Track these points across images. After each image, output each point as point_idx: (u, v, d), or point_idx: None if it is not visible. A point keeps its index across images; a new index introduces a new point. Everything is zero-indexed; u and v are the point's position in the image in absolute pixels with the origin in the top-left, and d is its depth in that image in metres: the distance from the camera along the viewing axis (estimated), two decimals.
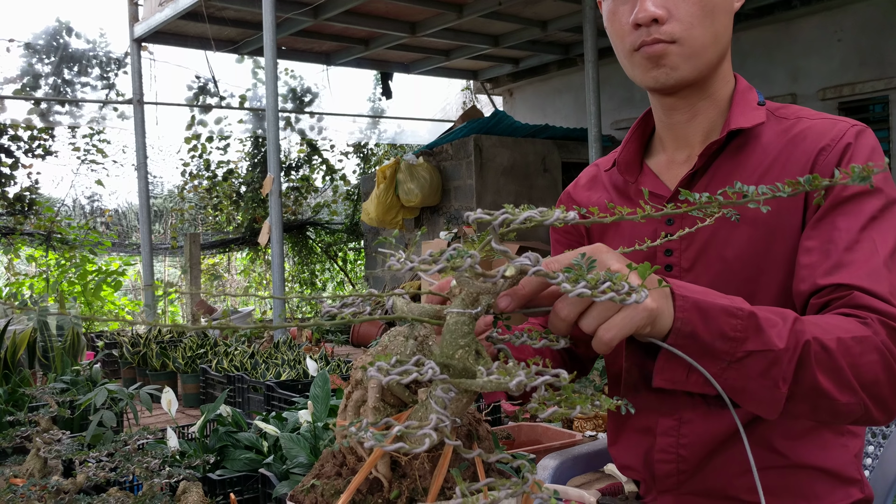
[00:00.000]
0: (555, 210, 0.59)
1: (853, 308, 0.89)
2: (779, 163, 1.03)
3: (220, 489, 2.34)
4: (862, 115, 6.94)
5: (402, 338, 0.74)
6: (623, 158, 1.15)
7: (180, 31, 7.62)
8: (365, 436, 0.58)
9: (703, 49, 1.02)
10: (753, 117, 1.06)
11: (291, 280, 10.46)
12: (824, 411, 0.83)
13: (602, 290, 0.58)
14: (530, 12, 7.57)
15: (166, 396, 2.54)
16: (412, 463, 0.73)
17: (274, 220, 5.78)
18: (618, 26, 1.05)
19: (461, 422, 0.75)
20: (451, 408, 0.67)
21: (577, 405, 0.61)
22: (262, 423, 2.50)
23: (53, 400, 2.66)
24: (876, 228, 0.95)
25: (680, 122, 1.10)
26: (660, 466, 1.10)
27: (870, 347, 0.84)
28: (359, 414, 0.76)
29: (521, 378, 0.57)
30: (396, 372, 0.62)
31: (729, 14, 1.05)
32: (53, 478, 2.17)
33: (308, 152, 10.45)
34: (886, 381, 0.85)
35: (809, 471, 1.05)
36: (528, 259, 0.60)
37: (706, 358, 0.76)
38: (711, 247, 1.05)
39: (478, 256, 0.60)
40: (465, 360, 0.65)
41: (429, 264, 0.60)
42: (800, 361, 0.80)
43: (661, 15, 1.00)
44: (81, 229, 8.48)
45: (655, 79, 1.05)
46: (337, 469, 0.78)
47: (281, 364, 4.49)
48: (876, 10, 6.69)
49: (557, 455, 1.25)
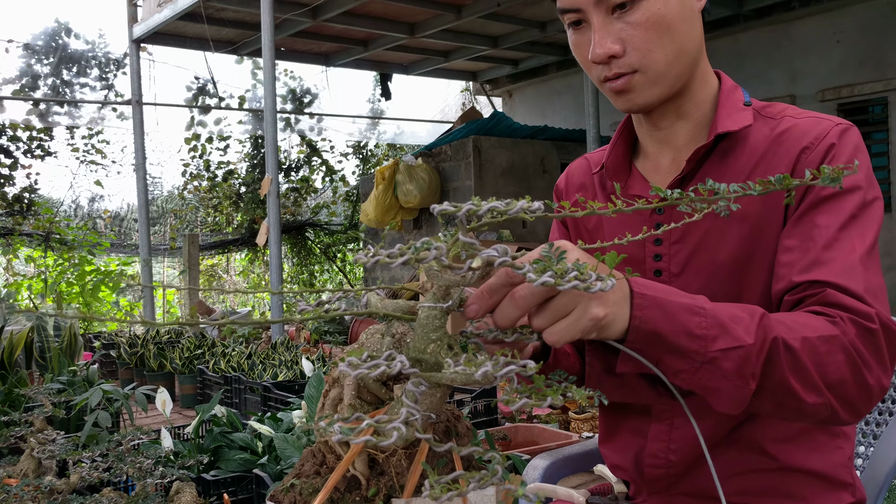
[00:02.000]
0: (519, 201, 0.59)
1: (825, 306, 0.88)
2: (764, 162, 1.02)
3: (214, 489, 2.34)
4: (861, 117, 6.93)
5: (379, 335, 0.74)
6: (611, 163, 1.14)
7: (179, 31, 7.63)
8: (332, 430, 0.58)
9: (667, 69, 1.01)
10: (740, 119, 1.04)
11: (290, 281, 10.46)
12: (789, 410, 0.83)
13: (567, 279, 0.57)
14: (529, 13, 7.57)
15: (161, 397, 2.54)
16: (389, 460, 0.73)
17: (272, 221, 5.78)
18: (581, 58, 1.05)
19: (438, 418, 0.75)
20: (424, 402, 0.66)
21: (548, 396, 0.61)
22: (256, 423, 2.50)
23: (48, 400, 2.66)
24: (855, 227, 0.94)
25: (662, 130, 1.09)
26: (650, 471, 1.09)
27: (836, 347, 0.83)
28: (336, 411, 0.76)
29: (488, 369, 0.57)
30: (366, 366, 0.62)
31: (690, 20, 1.01)
32: (47, 478, 2.17)
33: (307, 153, 10.46)
34: (853, 382, 0.84)
35: (800, 474, 1.03)
36: (496, 251, 0.60)
37: (675, 356, 0.76)
38: (701, 251, 1.04)
39: (443, 248, 0.60)
40: (436, 353, 0.65)
41: (395, 257, 0.60)
42: (768, 357, 0.79)
43: (617, 49, 0.99)
44: (80, 230, 8.49)
45: (628, 108, 1.05)
46: (316, 468, 0.78)
47: (278, 365, 4.49)
48: (875, 12, 6.68)
49: (548, 455, 1.24)
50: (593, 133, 5.73)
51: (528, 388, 0.62)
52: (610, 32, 0.99)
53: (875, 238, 0.94)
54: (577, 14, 1.01)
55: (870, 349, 0.86)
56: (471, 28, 7.99)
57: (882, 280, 0.93)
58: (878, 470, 1.16)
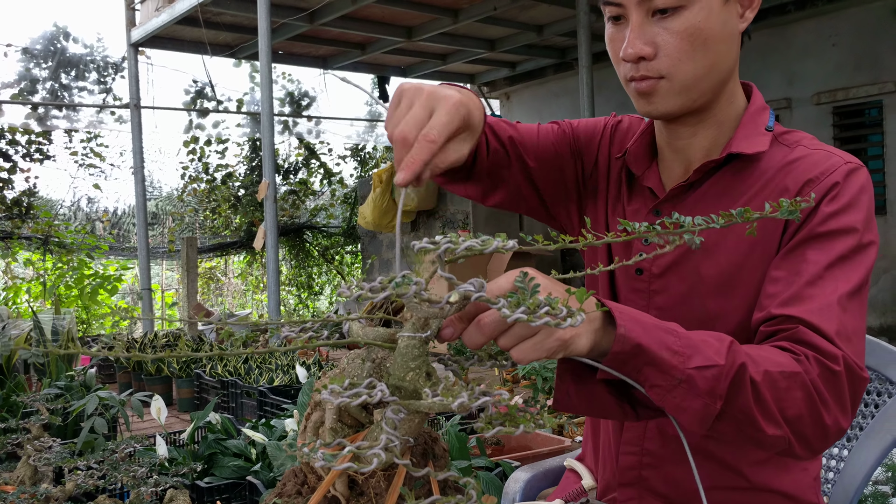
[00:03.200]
0: (494, 240, 0.61)
1: (794, 342, 0.89)
2: (770, 186, 1.03)
3: (208, 496, 2.36)
4: (856, 120, 6.96)
5: (360, 360, 0.76)
6: (634, 150, 1.14)
7: (177, 35, 7.64)
8: (315, 456, 0.60)
9: (694, 82, 1.00)
10: (756, 143, 1.04)
11: (289, 283, 10.48)
12: (748, 438, 0.84)
13: (539, 314, 0.59)
14: (526, 17, 7.58)
15: (156, 404, 2.56)
16: (368, 481, 0.75)
17: (269, 224, 5.80)
18: (613, 53, 1.05)
19: (415, 441, 0.77)
20: (403, 428, 0.68)
21: (521, 424, 0.63)
22: (250, 430, 2.52)
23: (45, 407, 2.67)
24: (843, 267, 0.94)
25: (680, 140, 1.09)
26: (623, 458, 1.11)
27: (797, 384, 0.84)
28: (317, 434, 0.77)
29: (464, 399, 0.59)
30: (347, 395, 0.64)
31: (728, 40, 1.02)
32: (43, 485, 2.18)
33: (306, 156, 10.47)
34: (810, 421, 0.85)
35: (769, 494, 1.06)
36: (472, 285, 0.62)
37: (654, 369, 0.77)
38: (686, 259, 1.05)
39: (422, 283, 0.62)
40: (415, 381, 0.67)
41: (377, 291, 0.62)
42: (734, 382, 0.81)
43: (648, 52, 0.99)
44: (79, 233, 8.50)
45: (647, 112, 1.05)
46: (298, 487, 0.80)
47: (275, 369, 4.51)
48: (870, 15, 6.71)
49: (529, 468, 1.27)
50: None
51: (503, 416, 0.64)
52: (645, 34, 0.99)
53: (861, 281, 0.95)
54: (619, 9, 1.00)
55: (830, 390, 0.87)
56: (468, 31, 8.01)
57: (861, 323, 0.94)
58: (847, 484, 1.18)
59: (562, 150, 1.20)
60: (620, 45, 1.01)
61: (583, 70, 5.80)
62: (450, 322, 0.68)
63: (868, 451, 1.20)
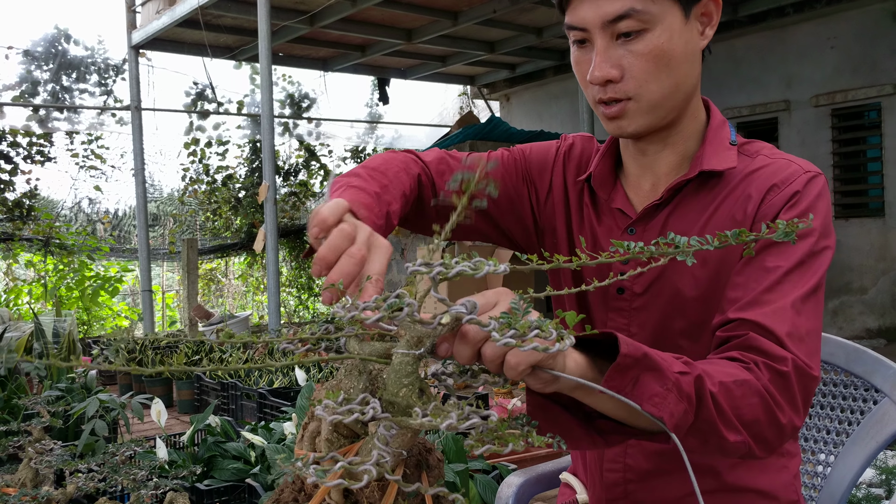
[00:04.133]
0: (486, 264, 0.63)
1: (744, 350, 0.92)
2: (732, 196, 1.06)
3: (208, 499, 2.38)
4: (855, 122, 6.98)
5: (357, 372, 0.78)
6: (598, 172, 1.17)
7: (178, 38, 7.66)
8: (306, 472, 0.62)
9: (661, 101, 1.03)
10: (726, 159, 1.07)
11: (288, 285, 10.50)
12: (712, 446, 0.87)
13: (528, 339, 0.61)
14: (525, 19, 7.61)
15: (156, 408, 2.57)
16: (363, 491, 0.77)
17: (269, 227, 5.82)
18: (580, 76, 1.07)
19: (410, 452, 0.79)
20: (396, 442, 0.71)
21: (510, 442, 0.65)
22: (249, 433, 2.54)
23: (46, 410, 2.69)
24: (799, 272, 0.97)
25: (647, 156, 1.12)
26: (608, 475, 1.14)
27: (750, 391, 0.87)
28: (314, 445, 0.80)
29: (452, 421, 0.61)
30: (341, 411, 0.66)
31: (691, 58, 1.05)
32: (44, 488, 2.21)
33: (306, 157, 10.49)
34: (766, 423, 0.88)
35: (749, 493, 1.08)
36: (465, 307, 0.64)
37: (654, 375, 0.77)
38: (666, 275, 1.08)
39: (415, 305, 0.64)
40: (408, 397, 0.69)
41: (371, 311, 0.64)
42: (697, 392, 0.82)
43: (615, 75, 1.01)
44: (80, 235, 8.52)
45: (618, 133, 1.08)
46: (294, 496, 0.82)
47: (274, 371, 4.53)
48: (868, 18, 6.73)
49: (522, 473, 1.29)
50: None
51: (492, 434, 0.66)
52: (611, 57, 1.01)
53: (816, 284, 0.98)
54: (583, 33, 1.03)
55: (782, 392, 0.90)
56: (468, 34, 8.03)
57: (815, 324, 0.97)
58: (834, 488, 1.20)
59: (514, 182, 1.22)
60: (587, 68, 1.04)
61: None
62: (444, 338, 0.69)
63: (854, 457, 1.23)
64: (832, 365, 1.33)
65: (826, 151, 6.99)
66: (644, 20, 0.99)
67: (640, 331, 1.09)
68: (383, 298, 0.65)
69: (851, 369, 1.29)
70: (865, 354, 1.28)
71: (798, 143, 7.13)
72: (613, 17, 0.99)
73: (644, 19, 0.99)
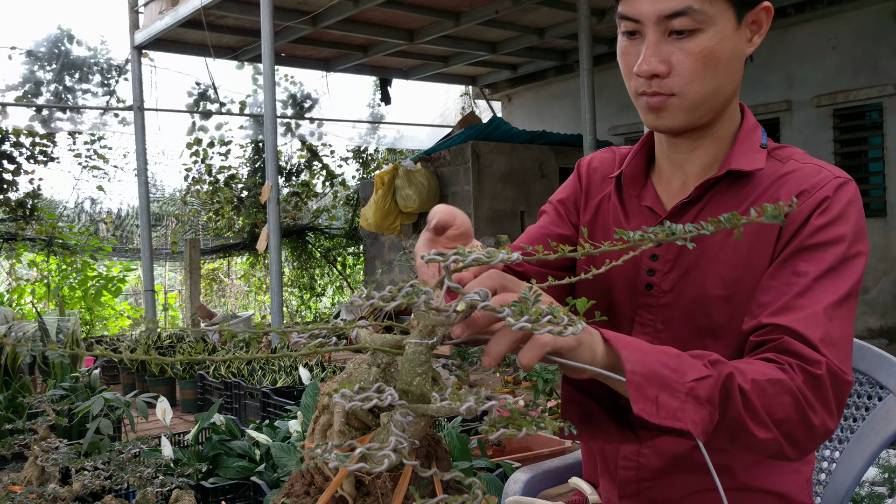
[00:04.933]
0: (500, 252, 0.64)
1: (779, 353, 0.93)
2: (762, 200, 1.07)
3: (213, 497, 2.39)
4: (857, 122, 6.98)
5: (366, 365, 0.79)
6: (629, 171, 1.18)
7: (180, 38, 7.68)
8: (329, 457, 0.63)
9: (702, 101, 1.05)
10: (755, 160, 1.08)
11: (291, 285, 10.51)
12: (742, 444, 0.87)
13: (542, 323, 0.62)
14: (527, 20, 7.62)
15: (161, 406, 2.58)
16: (375, 482, 0.78)
17: (272, 227, 5.83)
18: (625, 67, 1.08)
19: (420, 443, 0.80)
20: (410, 431, 0.71)
21: (524, 427, 0.66)
22: (254, 432, 2.55)
23: (51, 408, 2.70)
24: (831, 278, 0.98)
25: (679, 155, 1.13)
26: (622, 473, 1.15)
27: (783, 390, 0.88)
28: (325, 437, 0.81)
29: (471, 403, 0.62)
30: (359, 398, 0.67)
31: (736, 63, 1.07)
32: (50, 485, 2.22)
33: (308, 158, 10.50)
34: (798, 423, 0.89)
35: (762, 494, 1.09)
36: (478, 295, 0.65)
37: (665, 391, 0.78)
38: (693, 273, 1.09)
39: (432, 293, 0.65)
40: (422, 386, 0.70)
41: (387, 301, 0.65)
42: (724, 391, 0.84)
43: (663, 70, 1.02)
44: (82, 235, 8.54)
45: (655, 126, 1.09)
46: (305, 488, 0.83)
47: (277, 370, 4.54)
48: (870, 18, 6.73)
49: (529, 469, 1.30)
50: (590, 139, 5.78)
51: (506, 420, 0.67)
52: (660, 52, 1.02)
53: (850, 290, 0.99)
54: (635, 25, 1.04)
55: (815, 394, 0.91)
56: (469, 34, 8.05)
57: (847, 330, 0.97)
58: (839, 485, 1.21)
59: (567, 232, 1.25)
60: (634, 60, 1.05)
61: (584, 72, 5.83)
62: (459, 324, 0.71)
63: (858, 454, 1.23)
64: None
65: (827, 152, 6.99)
66: (699, 20, 1.00)
67: (666, 328, 1.10)
68: (398, 288, 0.65)
69: (856, 366, 1.30)
70: (870, 351, 1.29)
71: (800, 143, 7.13)
72: (670, 13, 1.00)
73: (699, 19, 1.00)
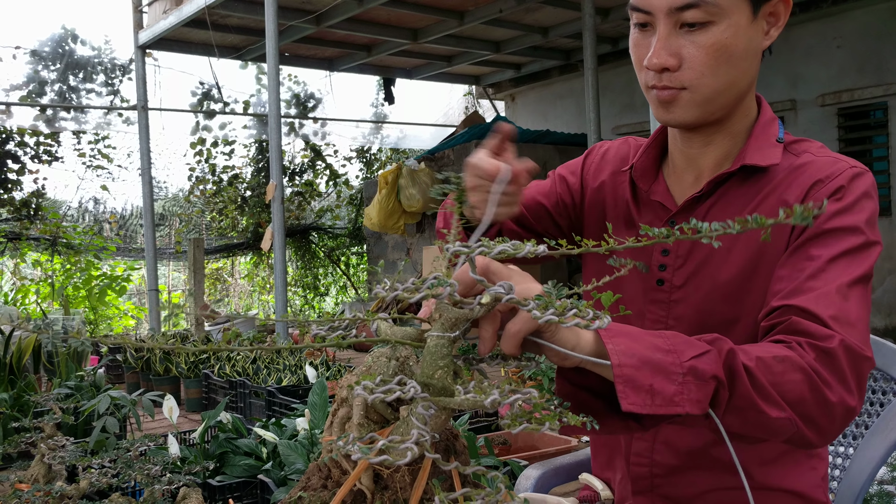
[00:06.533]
0: (526, 244, 0.63)
1: (787, 334, 0.91)
2: (778, 190, 1.05)
3: (220, 495, 2.39)
4: (861, 121, 6.97)
5: (385, 359, 0.78)
6: (640, 164, 1.16)
7: (184, 38, 7.68)
8: (352, 449, 0.62)
9: (714, 96, 1.02)
10: (769, 156, 1.06)
11: (294, 284, 10.51)
12: (754, 424, 0.83)
13: (568, 316, 0.62)
14: (531, 19, 7.61)
15: (167, 404, 2.58)
16: (394, 476, 0.78)
17: (276, 226, 5.83)
18: (636, 59, 1.06)
19: (439, 437, 0.79)
20: (431, 424, 0.71)
21: (546, 422, 0.66)
22: (261, 430, 2.55)
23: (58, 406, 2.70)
24: (845, 260, 0.96)
25: (693, 149, 1.11)
26: (635, 468, 1.14)
27: (792, 367, 0.85)
28: (344, 430, 0.80)
29: (496, 397, 0.62)
30: (381, 390, 0.66)
31: (751, 57, 1.03)
32: (57, 483, 2.21)
33: (312, 157, 10.50)
34: (813, 401, 0.85)
35: (778, 493, 1.09)
36: (502, 288, 0.64)
37: (661, 377, 0.76)
38: (705, 268, 1.08)
39: (457, 285, 0.64)
40: (443, 379, 0.69)
41: (411, 292, 0.64)
42: (727, 366, 0.80)
43: (673, 63, 1.00)
44: (86, 234, 8.54)
45: (665, 120, 1.07)
46: (323, 482, 0.83)
47: (282, 369, 4.53)
48: (874, 17, 6.72)
49: (540, 465, 1.29)
50: (594, 138, 5.77)
51: (528, 414, 0.66)
52: (671, 45, 1.00)
53: (863, 275, 0.96)
54: (647, 16, 1.02)
55: (829, 370, 0.87)
56: (473, 33, 8.04)
57: (863, 313, 0.94)
58: (854, 481, 1.21)
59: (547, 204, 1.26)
60: (644, 52, 1.03)
61: (588, 72, 5.82)
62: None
63: (873, 449, 1.23)
64: None
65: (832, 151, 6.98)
66: (711, 13, 0.98)
67: (678, 323, 1.09)
68: (422, 281, 0.65)
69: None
70: (885, 347, 1.28)
71: None
72: (681, 5, 0.98)
73: (711, 12, 0.98)
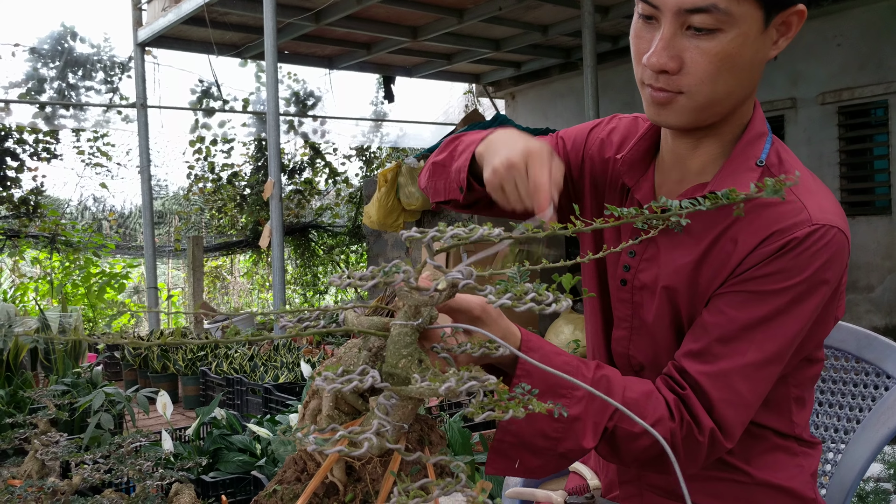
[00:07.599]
0: (479, 228, 0.63)
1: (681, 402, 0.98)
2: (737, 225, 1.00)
3: (213, 491, 2.39)
4: (862, 120, 6.95)
5: (357, 349, 0.78)
6: (628, 157, 1.12)
7: (184, 35, 7.68)
8: (307, 441, 0.62)
9: (710, 104, 0.98)
10: (740, 183, 0.99)
11: (294, 283, 10.51)
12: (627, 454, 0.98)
13: (524, 301, 0.61)
14: (531, 17, 7.60)
15: (161, 400, 2.58)
16: (365, 468, 0.78)
17: (275, 223, 5.83)
18: (636, 51, 1.01)
19: (411, 427, 0.79)
20: (396, 414, 0.71)
21: (510, 409, 0.65)
22: (255, 426, 2.55)
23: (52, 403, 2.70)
24: (761, 331, 0.95)
25: (681, 149, 1.09)
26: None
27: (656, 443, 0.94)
28: (315, 421, 0.80)
29: (451, 384, 0.61)
30: (340, 380, 0.66)
31: (755, 68, 0.99)
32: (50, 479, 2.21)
33: (311, 155, 10.50)
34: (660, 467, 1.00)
35: (767, 488, 1.08)
36: (461, 273, 0.64)
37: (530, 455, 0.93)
38: (660, 272, 1.07)
39: (411, 272, 0.64)
40: (407, 368, 0.69)
41: (367, 280, 0.64)
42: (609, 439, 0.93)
43: (672, 67, 0.96)
44: (85, 232, 8.55)
45: (656, 120, 1.03)
46: (297, 474, 0.82)
47: (280, 367, 4.54)
48: (875, 16, 6.70)
49: None
50: None
51: (492, 401, 0.66)
52: (673, 47, 0.95)
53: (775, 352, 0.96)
54: (653, 10, 0.96)
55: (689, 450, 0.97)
56: (473, 31, 8.03)
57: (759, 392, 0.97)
58: (844, 476, 1.20)
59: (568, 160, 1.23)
60: (645, 46, 0.99)
61: (587, 70, 5.82)
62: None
63: (865, 444, 1.23)
64: (843, 352, 1.32)
65: (832, 149, 6.97)
66: (721, 20, 0.92)
67: (642, 325, 1.09)
68: (379, 268, 0.65)
69: (863, 356, 1.29)
70: (877, 341, 1.28)
71: (804, 141, 7.10)
72: (692, 8, 0.92)
73: (721, 19, 0.92)
